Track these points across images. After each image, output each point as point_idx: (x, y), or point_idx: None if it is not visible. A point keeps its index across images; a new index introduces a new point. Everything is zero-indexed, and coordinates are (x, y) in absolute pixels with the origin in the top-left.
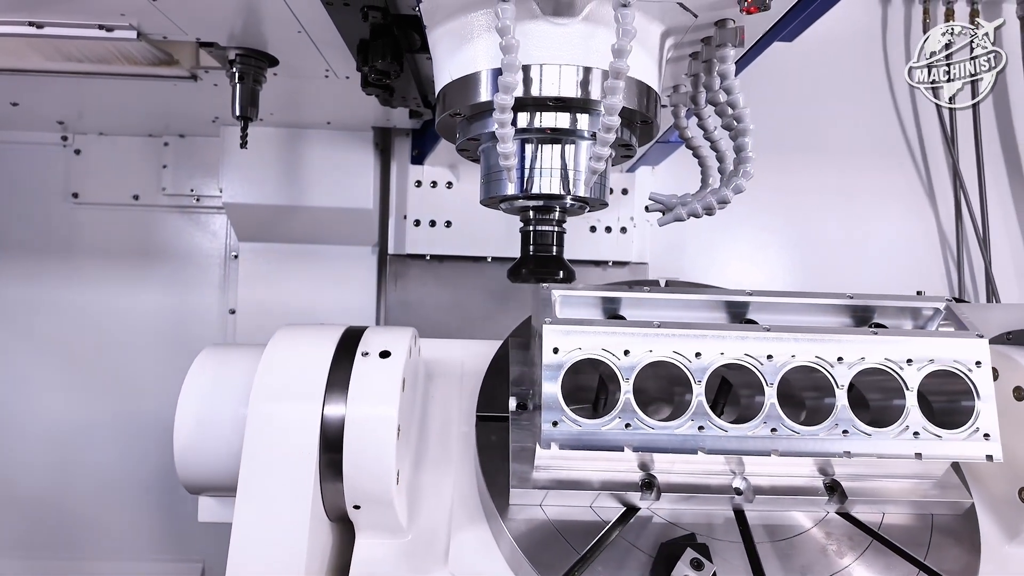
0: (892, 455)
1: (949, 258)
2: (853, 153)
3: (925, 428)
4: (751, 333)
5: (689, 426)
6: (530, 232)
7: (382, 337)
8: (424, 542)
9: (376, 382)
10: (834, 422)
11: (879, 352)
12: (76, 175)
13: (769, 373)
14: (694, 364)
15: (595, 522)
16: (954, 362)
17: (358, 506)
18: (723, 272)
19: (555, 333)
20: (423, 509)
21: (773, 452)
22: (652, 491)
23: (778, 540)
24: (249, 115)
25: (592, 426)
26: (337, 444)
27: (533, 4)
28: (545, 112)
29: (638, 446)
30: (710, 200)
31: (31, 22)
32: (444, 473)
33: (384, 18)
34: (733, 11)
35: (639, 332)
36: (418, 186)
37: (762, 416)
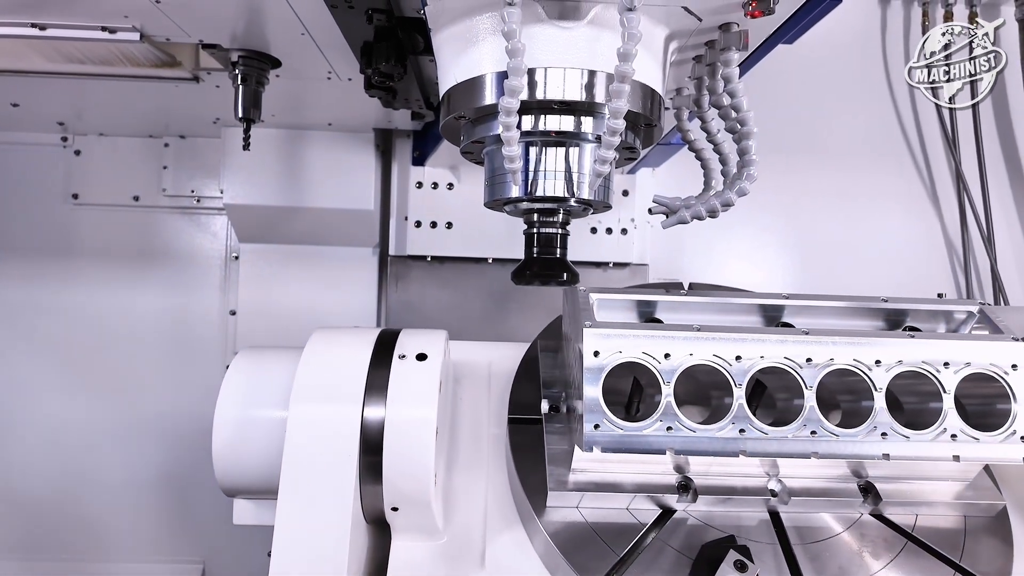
0: (930, 457)
1: (955, 260)
2: (853, 154)
3: (963, 431)
4: (790, 337)
5: (730, 429)
6: (534, 234)
7: (417, 340)
8: (460, 544)
9: (414, 384)
10: (872, 425)
11: (916, 355)
12: (76, 176)
13: (808, 376)
14: (735, 367)
15: (631, 524)
16: (990, 365)
17: (396, 508)
18: (722, 273)
19: (596, 337)
20: (458, 511)
21: (813, 455)
22: (689, 493)
23: (812, 542)
24: (252, 117)
25: (634, 429)
26: (377, 446)
27: (539, 8)
28: (550, 115)
29: (680, 449)
30: (714, 203)
31: (33, 23)
32: (476, 475)
33: (388, 20)
34: (737, 15)
35: (680, 336)
36: (419, 187)
37: (802, 419)
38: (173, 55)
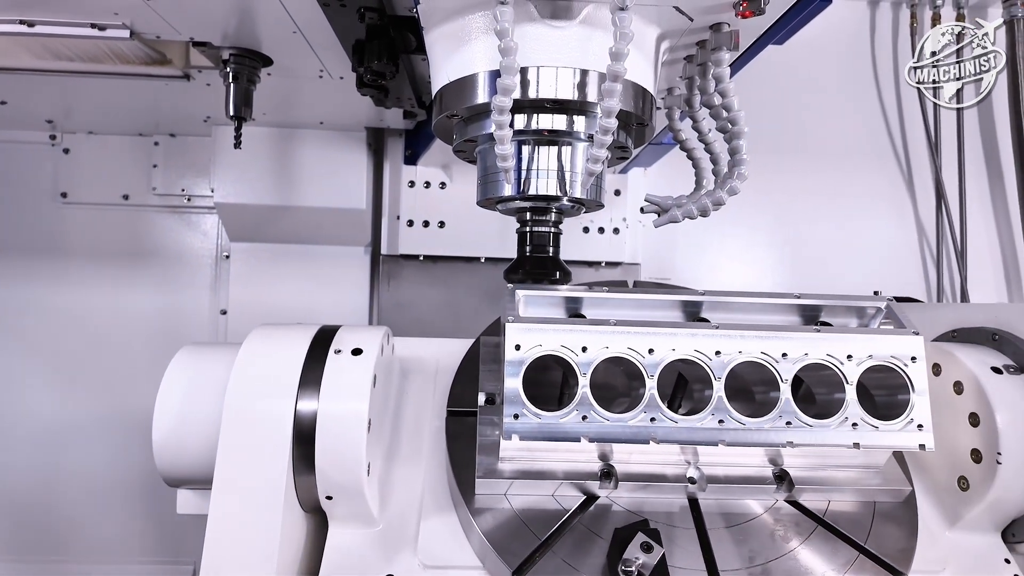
0: (832, 445)
1: (928, 259)
2: (841, 154)
3: (863, 419)
4: (701, 331)
5: (642, 418)
6: (527, 233)
7: (355, 335)
8: (395, 531)
9: (347, 378)
10: (778, 414)
11: (821, 348)
12: (65, 174)
13: (717, 368)
14: (647, 360)
15: (557, 510)
16: (891, 357)
17: (330, 497)
18: (713, 271)
19: (517, 331)
20: (395, 500)
21: (720, 442)
22: (611, 480)
23: (730, 526)
24: (243, 115)
25: (551, 418)
26: (310, 438)
27: (531, 7)
28: (542, 114)
29: (594, 436)
30: (705, 202)
31: (22, 20)
32: (416, 466)
33: (380, 19)
34: (728, 15)
35: (596, 330)
36: (411, 186)
37: (710, 408)
38: (163, 53)
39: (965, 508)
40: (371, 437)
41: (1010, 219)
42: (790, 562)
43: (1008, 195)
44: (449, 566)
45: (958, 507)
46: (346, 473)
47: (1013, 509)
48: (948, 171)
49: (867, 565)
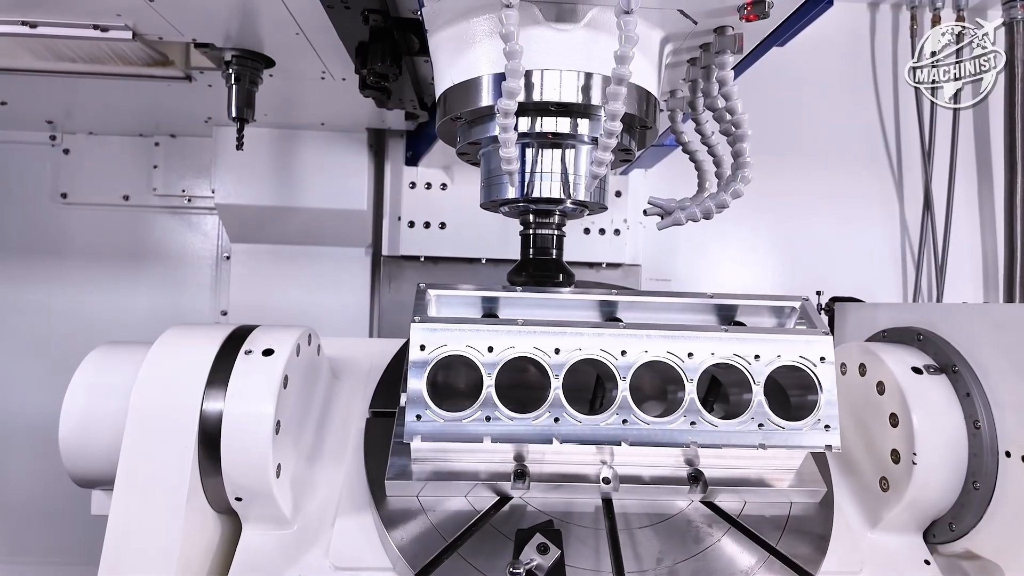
0: (737, 445)
1: (909, 260)
2: (840, 156)
3: (769, 420)
4: (607, 330)
5: (546, 418)
6: (530, 236)
7: (268, 336)
8: (310, 533)
9: (255, 379)
10: (683, 414)
11: (729, 348)
12: (65, 175)
13: (623, 367)
14: (553, 360)
15: (470, 512)
16: (800, 357)
17: (240, 498)
18: (714, 273)
19: (422, 331)
20: (313, 501)
21: (624, 441)
22: (524, 481)
23: (643, 527)
24: (245, 116)
25: (454, 419)
26: (215, 439)
27: (536, 10)
28: (546, 117)
29: (497, 437)
30: (708, 205)
31: (24, 21)
32: (338, 467)
33: (384, 21)
34: (732, 19)
35: (502, 329)
36: (412, 187)
37: (614, 408)
38: (165, 54)
39: (885, 509)
40: (283, 438)
41: (995, 222)
42: (698, 563)
43: (996, 198)
44: (360, 568)
45: (879, 508)
46: (252, 474)
47: (932, 510)
48: (940, 173)
49: (776, 566)
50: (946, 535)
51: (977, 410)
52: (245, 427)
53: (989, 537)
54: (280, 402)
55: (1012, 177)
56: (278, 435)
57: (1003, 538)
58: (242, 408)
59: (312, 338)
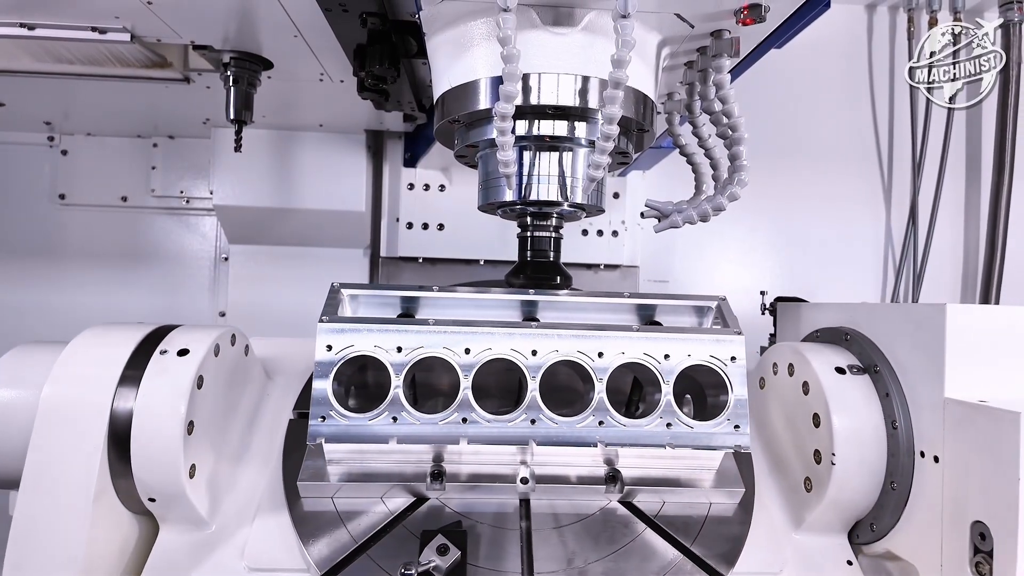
0: (645, 444)
1: (891, 262)
2: (838, 159)
3: (677, 419)
4: (518, 330)
5: (454, 418)
6: (528, 238)
7: (186, 336)
8: (228, 534)
9: (167, 379)
10: (591, 413)
11: (639, 348)
12: (63, 176)
13: (533, 367)
14: (463, 360)
15: (386, 513)
16: (710, 357)
17: (153, 499)
18: (711, 274)
19: (328, 331)
20: (235, 502)
21: (532, 441)
22: (440, 481)
23: (559, 527)
24: (244, 118)
25: (360, 420)
26: (126, 439)
27: (533, 14)
28: (544, 120)
29: (403, 438)
30: (705, 207)
31: (22, 23)
32: (264, 468)
33: (382, 24)
34: (729, 22)
35: (412, 330)
36: (410, 189)
37: (523, 407)
38: (163, 56)
39: (808, 509)
40: (198, 438)
41: (979, 225)
42: (609, 564)
43: (982, 201)
44: (275, 569)
45: (803, 508)
46: (164, 475)
47: (854, 511)
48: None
49: (689, 567)
50: (868, 536)
51: (895, 410)
52: (155, 427)
53: (906, 538)
54: (194, 402)
55: (999, 178)
56: (192, 435)
57: (918, 539)
58: (153, 408)
59: (237, 338)
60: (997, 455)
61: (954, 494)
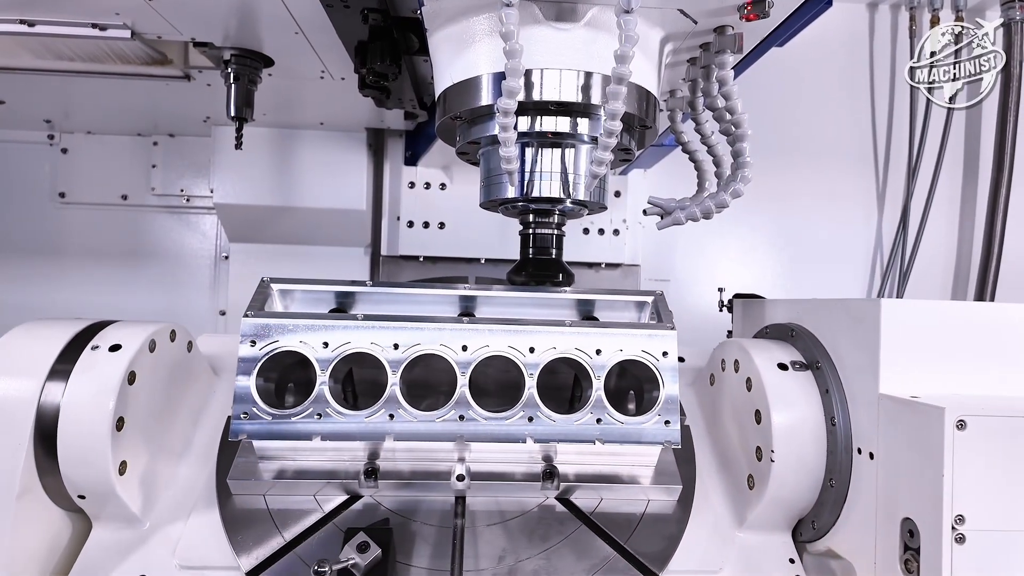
0: (575, 439)
1: (879, 260)
2: (839, 157)
3: (608, 414)
4: (448, 325)
5: (381, 414)
6: (530, 235)
7: (119, 332)
8: (163, 531)
9: (96, 374)
10: (521, 409)
11: (571, 343)
12: (63, 174)
13: (463, 363)
14: (392, 355)
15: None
16: (643, 352)
17: (83, 496)
18: (713, 272)
19: (253, 326)
20: (172, 500)
21: (460, 438)
22: (374, 479)
23: (495, 524)
24: (244, 116)
25: (282, 417)
26: (52, 435)
27: (536, 9)
28: (546, 116)
29: (327, 435)
30: (708, 204)
31: (23, 20)
32: (204, 465)
33: (384, 20)
34: (733, 18)
35: (339, 325)
36: (411, 187)
37: (452, 403)
38: (164, 53)
39: (750, 507)
40: (130, 435)
41: (974, 224)
42: (540, 561)
43: (978, 199)
44: (206, 567)
45: (746, 506)
46: (91, 472)
47: (795, 508)
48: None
49: (621, 564)
50: (810, 534)
51: (834, 407)
52: (82, 423)
53: (845, 536)
54: (125, 398)
55: (998, 176)
56: (122, 432)
57: (855, 537)
58: (80, 403)
59: (178, 334)
60: (924, 451)
61: (887, 491)
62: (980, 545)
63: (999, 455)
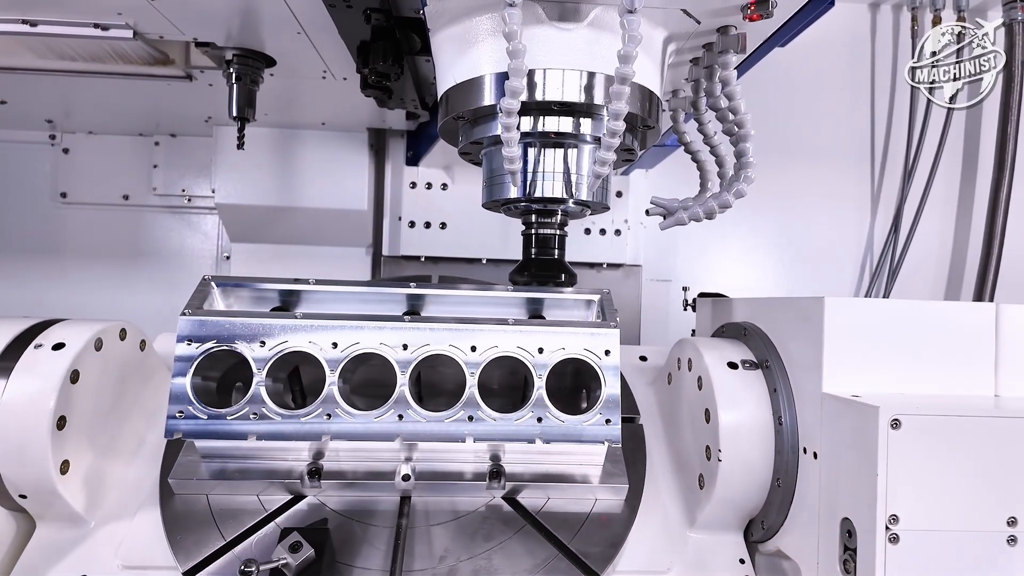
0: (515, 439)
1: (869, 259)
2: (840, 157)
3: (549, 413)
4: (389, 324)
5: (318, 414)
6: (532, 235)
7: (64, 330)
8: (108, 531)
9: (37, 373)
10: (461, 408)
11: (513, 342)
12: (64, 174)
13: (402, 362)
14: (330, 354)
15: (260, 511)
16: (584, 351)
17: (24, 495)
18: (714, 272)
19: (189, 325)
20: (119, 499)
21: (398, 438)
22: (317, 479)
23: (439, 524)
24: (246, 116)
25: (218, 416)
26: None
27: (539, 9)
28: (549, 116)
29: (263, 435)
30: (711, 204)
31: (25, 20)
32: (154, 465)
33: (386, 20)
34: (736, 18)
35: (277, 324)
36: (413, 187)
37: (391, 403)
38: (166, 53)
39: (700, 507)
40: (73, 434)
41: (970, 224)
42: (481, 561)
43: (976, 199)
44: (148, 567)
45: (696, 506)
46: (32, 471)
47: (744, 508)
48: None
49: (563, 564)
50: (760, 534)
51: (781, 406)
52: (22, 422)
53: (792, 536)
54: (68, 397)
55: (999, 175)
56: (64, 431)
57: (801, 537)
58: (19, 402)
59: (129, 333)
60: (861, 450)
61: (829, 491)
62: (914, 545)
63: (934, 455)
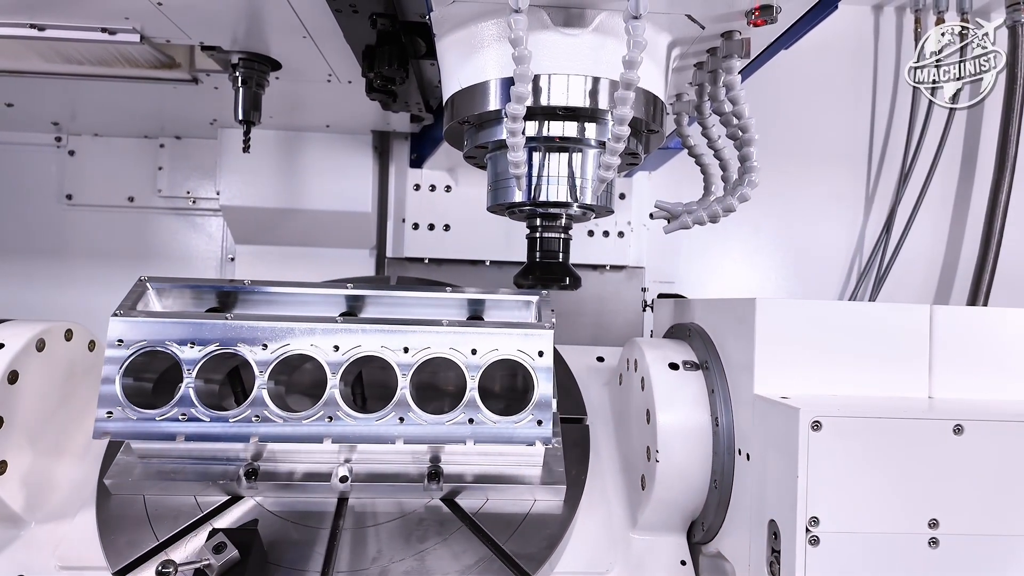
0: (447, 440)
1: (858, 261)
2: (841, 159)
3: (481, 414)
4: (320, 325)
5: (247, 415)
6: (536, 239)
7: (6, 331)
8: (48, 531)
9: None
10: (392, 409)
11: (446, 343)
12: (70, 176)
13: (333, 363)
14: (260, 355)
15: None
16: (518, 352)
17: None
18: (717, 275)
19: (120, 324)
20: (61, 500)
21: (327, 439)
22: (253, 480)
23: (368, 526)
24: (252, 119)
25: (147, 416)
26: None
27: (544, 15)
28: (554, 121)
29: (191, 435)
30: (715, 208)
31: (32, 24)
32: (99, 465)
33: (392, 25)
34: (740, 23)
35: (207, 324)
36: (416, 190)
37: (321, 404)
38: (172, 56)
39: (640, 508)
40: (13, 435)
41: (965, 227)
42: (413, 562)
43: (973, 202)
44: (85, 567)
45: (637, 507)
46: None
47: (685, 510)
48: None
49: (496, 564)
50: (701, 536)
51: (719, 407)
52: None
53: (730, 538)
54: (5, 398)
55: (999, 177)
56: (0, 431)
57: (736, 538)
58: None
59: (75, 333)
60: (784, 452)
61: (759, 492)
62: (834, 547)
63: (855, 457)
